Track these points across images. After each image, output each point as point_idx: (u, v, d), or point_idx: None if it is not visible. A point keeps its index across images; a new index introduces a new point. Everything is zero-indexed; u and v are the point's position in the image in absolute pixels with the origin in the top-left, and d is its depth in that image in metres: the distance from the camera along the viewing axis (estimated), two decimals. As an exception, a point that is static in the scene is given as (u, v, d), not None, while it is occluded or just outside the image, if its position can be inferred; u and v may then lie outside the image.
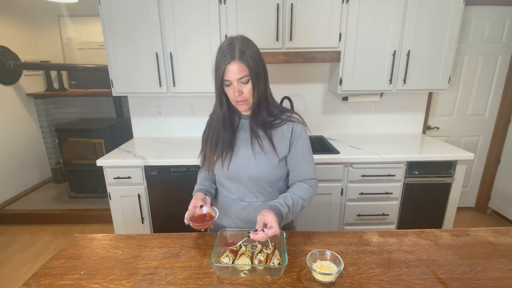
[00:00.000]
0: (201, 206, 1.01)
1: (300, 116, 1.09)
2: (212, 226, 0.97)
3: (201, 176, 1.20)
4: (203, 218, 0.99)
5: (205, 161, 1.10)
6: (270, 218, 0.89)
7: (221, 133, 1.05)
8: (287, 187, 1.12)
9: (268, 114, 1.04)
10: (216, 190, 1.19)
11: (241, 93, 0.95)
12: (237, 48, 0.92)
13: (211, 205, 1.04)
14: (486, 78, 2.57)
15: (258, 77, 0.95)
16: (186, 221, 0.96)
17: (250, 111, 1.05)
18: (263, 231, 0.87)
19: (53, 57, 3.49)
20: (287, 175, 1.11)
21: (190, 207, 1.00)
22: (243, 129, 1.07)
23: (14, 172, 3.18)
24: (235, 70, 0.92)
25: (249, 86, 0.95)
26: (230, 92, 0.97)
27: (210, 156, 1.06)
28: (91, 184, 3.11)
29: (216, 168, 1.07)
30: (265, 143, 1.03)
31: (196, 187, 1.15)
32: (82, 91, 3.57)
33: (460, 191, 2.08)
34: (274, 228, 0.87)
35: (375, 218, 2.10)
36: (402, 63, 2.06)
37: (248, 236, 0.88)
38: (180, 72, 2.07)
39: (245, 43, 0.94)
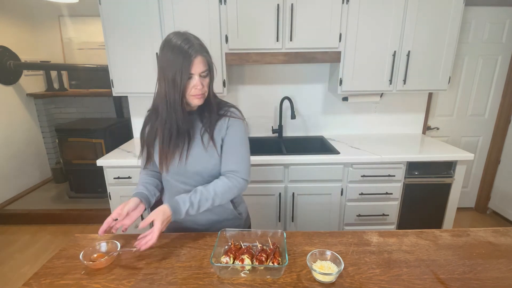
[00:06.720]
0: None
1: (239, 111, 1.09)
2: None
3: (144, 178, 1.17)
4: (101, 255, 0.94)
5: (149, 159, 1.10)
6: (157, 222, 0.93)
7: (174, 127, 0.99)
8: None
9: (216, 107, 1.05)
10: (162, 190, 1.19)
11: (202, 87, 0.97)
12: (196, 43, 0.93)
13: (144, 214, 1.01)
14: (486, 78, 2.57)
15: (212, 71, 0.99)
16: (100, 233, 0.97)
17: (198, 106, 1.04)
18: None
19: (53, 57, 3.49)
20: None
21: (114, 215, 0.98)
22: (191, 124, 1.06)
23: (14, 172, 3.18)
24: (199, 64, 0.93)
25: (207, 80, 0.98)
26: (190, 86, 0.95)
27: (168, 151, 1.01)
28: (91, 184, 3.10)
29: (172, 163, 1.03)
30: (207, 137, 1.03)
31: (137, 188, 1.11)
32: (82, 91, 3.56)
33: (460, 192, 2.09)
34: (150, 239, 0.92)
35: (375, 218, 2.11)
36: (402, 63, 2.06)
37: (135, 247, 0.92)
38: (180, 72, 2.07)
39: (197, 38, 0.96)
